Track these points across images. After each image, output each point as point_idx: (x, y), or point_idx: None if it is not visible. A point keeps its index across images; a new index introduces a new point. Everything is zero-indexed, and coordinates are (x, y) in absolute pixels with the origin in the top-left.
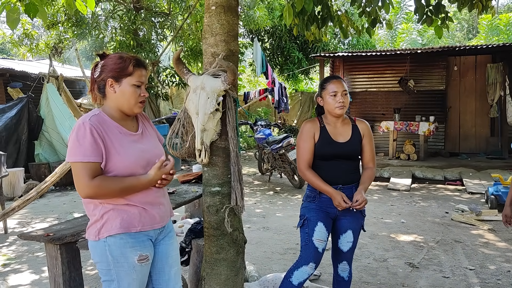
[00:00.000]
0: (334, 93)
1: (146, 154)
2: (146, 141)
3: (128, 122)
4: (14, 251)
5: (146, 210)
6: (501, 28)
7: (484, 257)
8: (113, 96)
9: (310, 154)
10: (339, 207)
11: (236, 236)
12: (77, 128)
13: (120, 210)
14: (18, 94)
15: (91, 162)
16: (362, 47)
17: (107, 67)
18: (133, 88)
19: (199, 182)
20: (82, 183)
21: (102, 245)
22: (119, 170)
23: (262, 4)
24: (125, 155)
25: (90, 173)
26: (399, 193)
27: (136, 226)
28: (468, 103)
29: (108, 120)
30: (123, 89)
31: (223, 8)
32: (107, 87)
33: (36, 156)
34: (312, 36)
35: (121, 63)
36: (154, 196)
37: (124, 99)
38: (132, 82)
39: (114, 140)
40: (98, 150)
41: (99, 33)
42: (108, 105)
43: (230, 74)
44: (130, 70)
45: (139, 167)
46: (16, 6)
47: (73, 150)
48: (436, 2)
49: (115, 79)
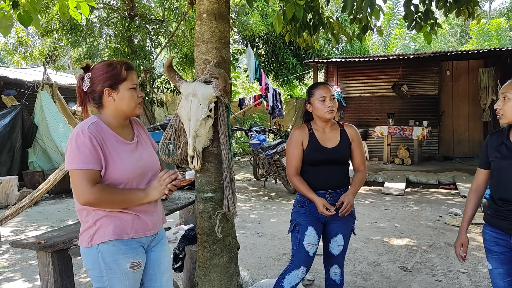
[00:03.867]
0: (322, 98)
1: (141, 163)
2: (141, 150)
3: (125, 130)
4: (7, 260)
5: (139, 217)
6: (492, 33)
7: (476, 260)
8: (112, 105)
9: (298, 161)
10: (323, 213)
11: (229, 242)
12: (76, 136)
13: (113, 217)
14: (12, 101)
15: (90, 169)
16: (356, 52)
17: (99, 78)
18: (131, 91)
19: (192, 188)
20: (83, 190)
21: (94, 251)
22: (115, 178)
23: (256, 11)
24: (121, 164)
25: (90, 180)
26: (393, 198)
27: (128, 233)
28: (461, 108)
29: (105, 128)
30: (121, 95)
31: (214, 16)
32: (105, 97)
33: (30, 164)
34: (304, 43)
35: (113, 70)
36: (147, 203)
37: (125, 104)
38: (129, 86)
39: (111, 149)
40: (98, 158)
41: (94, 41)
42: (106, 113)
43: (222, 80)
44: (124, 75)
45: (135, 176)
46: (9, 14)
47: (72, 158)
48: (425, 8)
49: (112, 87)
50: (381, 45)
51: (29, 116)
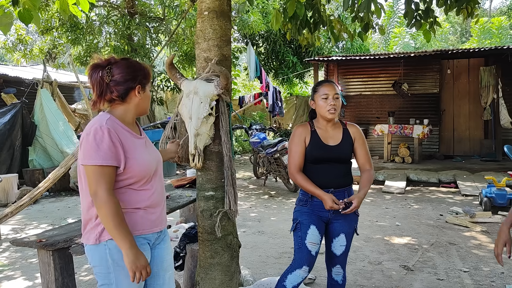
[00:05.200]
0: (325, 95)
1: (154, 157)
2: (149, 145)
3: (134, 126)
4: (8, 258)
5: (147, 214)
6: (493, 32)
7: (478, 259)
8: (135, 101)
9: (301, 158)
10: (332, 208)
11: (230, 240)
12: (94, 131)
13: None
14: (12, 99)
15: (109, 165)
16: (356, 51)
17: (131, 74)
18: (149, 92)
19: (193, 186)
20: (101, 188)
21: (102, 248)
22: (134, 173)
23: (256, 9)
24: (140, 159)
25: (108, 179)
26: (394, 196)
27: (137, 229)
28: (462, 106)
29: (120, 124)
30: (146, 94)
31: (216, 13)
32: (133, 93)
33: (30, 162)
34: (305, 41)
35: (144, 69)
36: (156, 199)
37: (146, 103)
38: (149, 87)
39: (130, 144)
40: (116, 154)
41: (94, 39)
42: (121, 109)
43: (223, 78)
44: (150, 76)
45: (150, 170)
46: (9, 11)
47: (90, 153)
48: (425, 6)
49: (143, 85)
50: (381, 43)
51: (29, 114)
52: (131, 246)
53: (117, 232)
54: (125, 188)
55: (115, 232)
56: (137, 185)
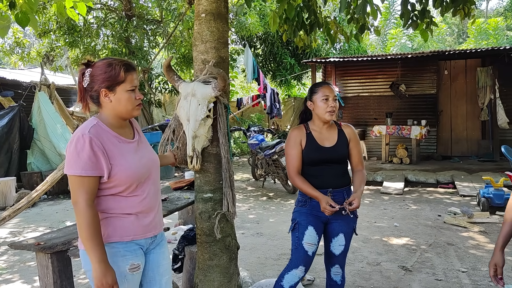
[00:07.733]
0: (326, 97)
1: (145, 161)
2: (142, 148)
3: (126, 129)
4: (6, 261)
5: (139, 219)
6: (490, 33)
7: (476, 259)
8: (109, 105)
9: (298, 160)
10: (325, 211)
11: (229, 242)
12: (76, 140)
13: (113, 219)
14: (9, 103)
15: (89, 176)
16: (354, 52)
17: (97, 77)
18: (128, 93)
19: (191, 188)
20: (80, 198)
21: None
22: (121, 180)
23: (254, 11)
24: (126, 165)
25: (88, 189)
26: (392, 197)
27: (128, 235)
28: (459, 107)
29: (106, 129)
30: (118, 97)
31: (213, 16)
32: (102, 98)
33: (28, 165)
34: (301, 42)
35: (111, 71)
36: (148, 204)
37: (122, 106)
38: (126, 88)
39: (114, 150)
40: (98, 164)
41: (91, 41)
42: (105, 114)
43: (221, 80)
44: (122, 77)
45: (140, 175)
46: (6, 14)
47: (71, 162)
48: (422, 7)
49: (109, 89)
50: (378, 45)
51: (27, 117)
52: (100, 261)
53: (88, 244)
54: (112, 195)
55: (86, 243)
56: (125, 192)
